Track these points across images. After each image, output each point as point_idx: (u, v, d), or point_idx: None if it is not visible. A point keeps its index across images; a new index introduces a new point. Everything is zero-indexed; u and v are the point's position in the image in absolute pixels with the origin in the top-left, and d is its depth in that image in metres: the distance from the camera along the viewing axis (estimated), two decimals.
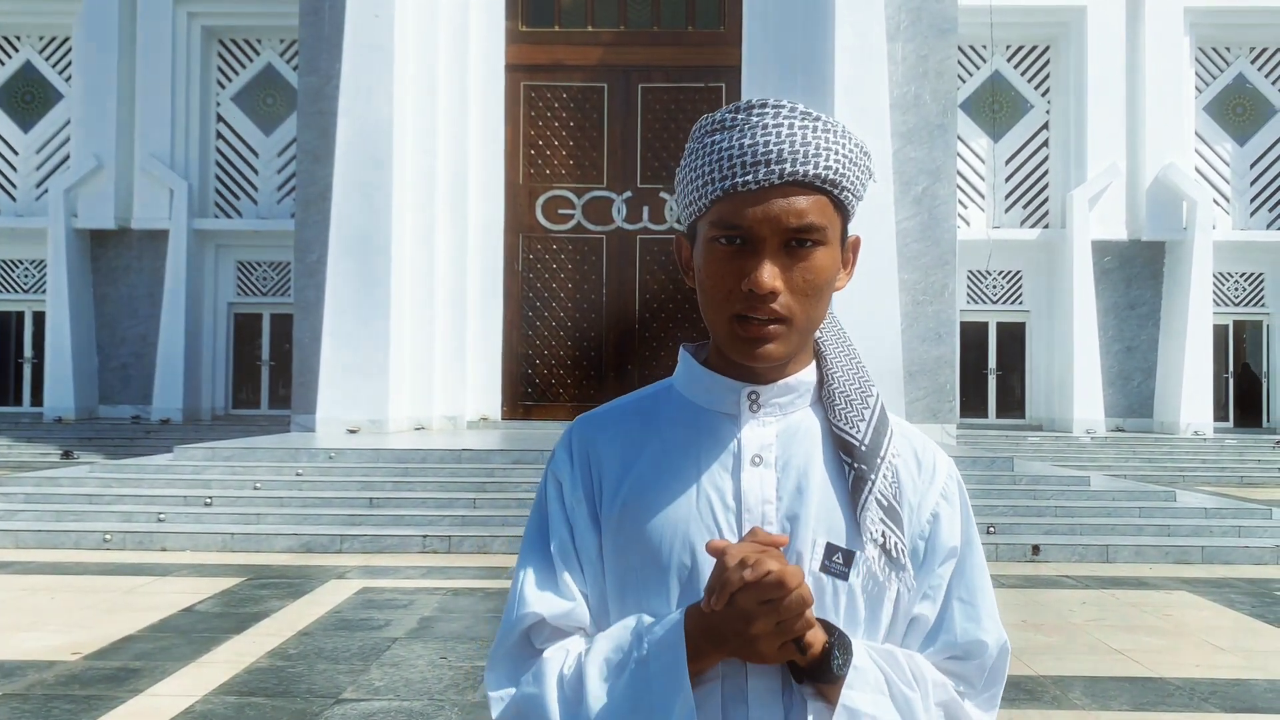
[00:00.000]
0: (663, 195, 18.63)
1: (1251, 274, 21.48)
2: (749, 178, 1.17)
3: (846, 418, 1.25)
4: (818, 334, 1.31)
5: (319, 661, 5.88)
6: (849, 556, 1.20)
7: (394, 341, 15.85)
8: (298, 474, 11.59)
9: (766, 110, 1.21)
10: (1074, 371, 19.94)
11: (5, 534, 9.82)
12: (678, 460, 1.25)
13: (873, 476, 1.22)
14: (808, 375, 1.28)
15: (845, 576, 1.20)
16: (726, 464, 1.24)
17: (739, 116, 1.21)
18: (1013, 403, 21.42)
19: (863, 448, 1.24)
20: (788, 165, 1.17)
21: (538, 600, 1.23)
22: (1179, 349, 20.00)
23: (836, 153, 1.20)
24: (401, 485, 11.24)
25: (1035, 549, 9.68)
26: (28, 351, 21.99)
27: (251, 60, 21.76)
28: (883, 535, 1.21)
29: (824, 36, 16.28)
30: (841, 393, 1.27)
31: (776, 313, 1.18)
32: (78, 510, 10.41)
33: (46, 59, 22.11)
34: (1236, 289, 21.55)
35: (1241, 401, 21.69)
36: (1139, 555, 9.72)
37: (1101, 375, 20.23)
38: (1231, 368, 21.62)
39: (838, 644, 1.15)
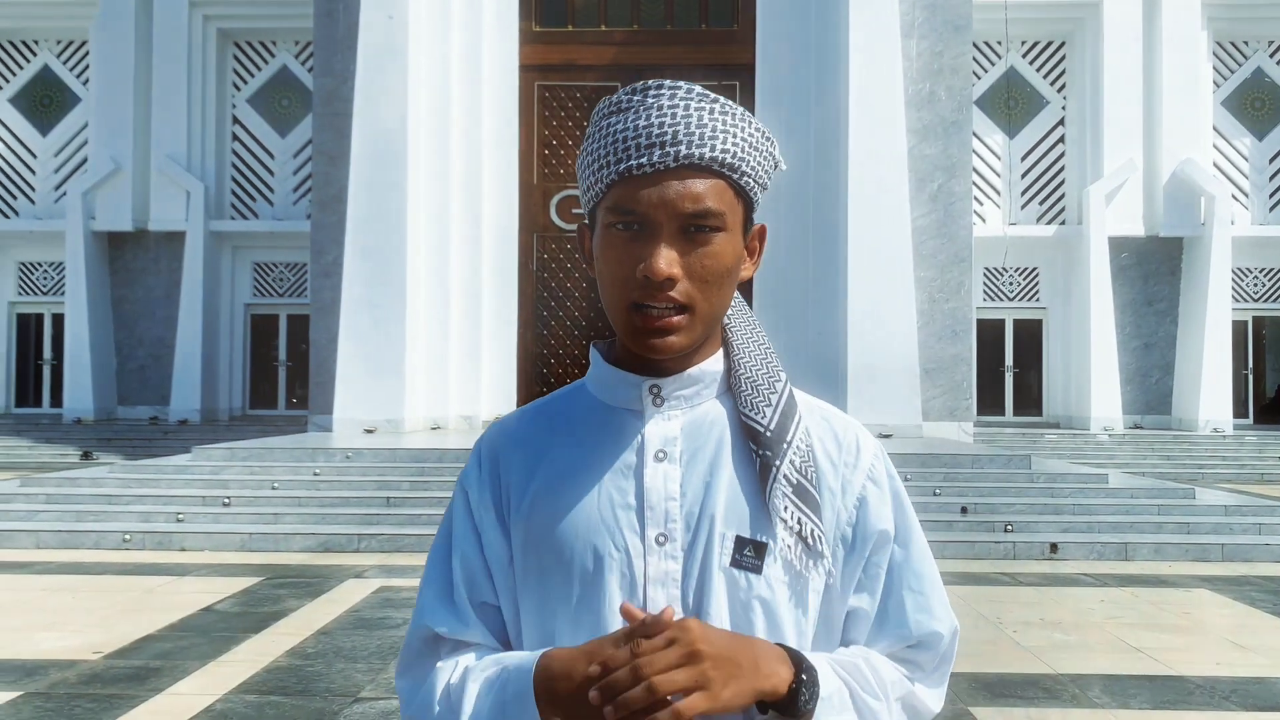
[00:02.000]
0: None
1: (1271, 269, 21.33)
2: (643, 160, 1.13)
3: (753, 404, 1.20)
4: (726, 321, 1.26)
5: (337, 660, 5.91)
6: (761, 548, 1.15)
7: (409, 341, 15.90)
8: (315, 474, 11.64)
9: (663, 91, 1.16)
10: (1091, 368, 19.83)
11: (27, 534, 9.90)
12: (582, 460, 1.21)
13: (778, 463, 1.17)
14: (713, 365, 1.23)
15: (759, 570, 1.15)
16: (630, 461, 1.20)
17: (635, 98, 1.17)
18: (1030, 400, 21.33)
19: (768, 434, 1.18)
20: (683, 147, 1.13)
21: (435, 616, 1.22)
22: (1197, 345, 19.87)
23: (735, 136, 1.15)
24: (418, 485, 11.28)
25: (1053, 547, 9.64)
26: (47, 353, 22.16)
27: (267, 62, 21.86)
28: (798, 521, 1.16)
29: (838, 33, 16.25)
30: (748, 379, 1.22)
31: (675, 300, 1.13)
32: (97, 511, 10.48)
33: (64, 62, 22.27)
34: (1256, 285, 21.40)
35: (1261, 398, 21.55)
36: (1158, 553, 9.67)
37: (1119, 372, 20.12)
38: (1251, 365, 21.45)
39: (806, 680, 1.09)
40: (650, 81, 1.18)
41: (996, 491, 11.18)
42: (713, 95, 1.18)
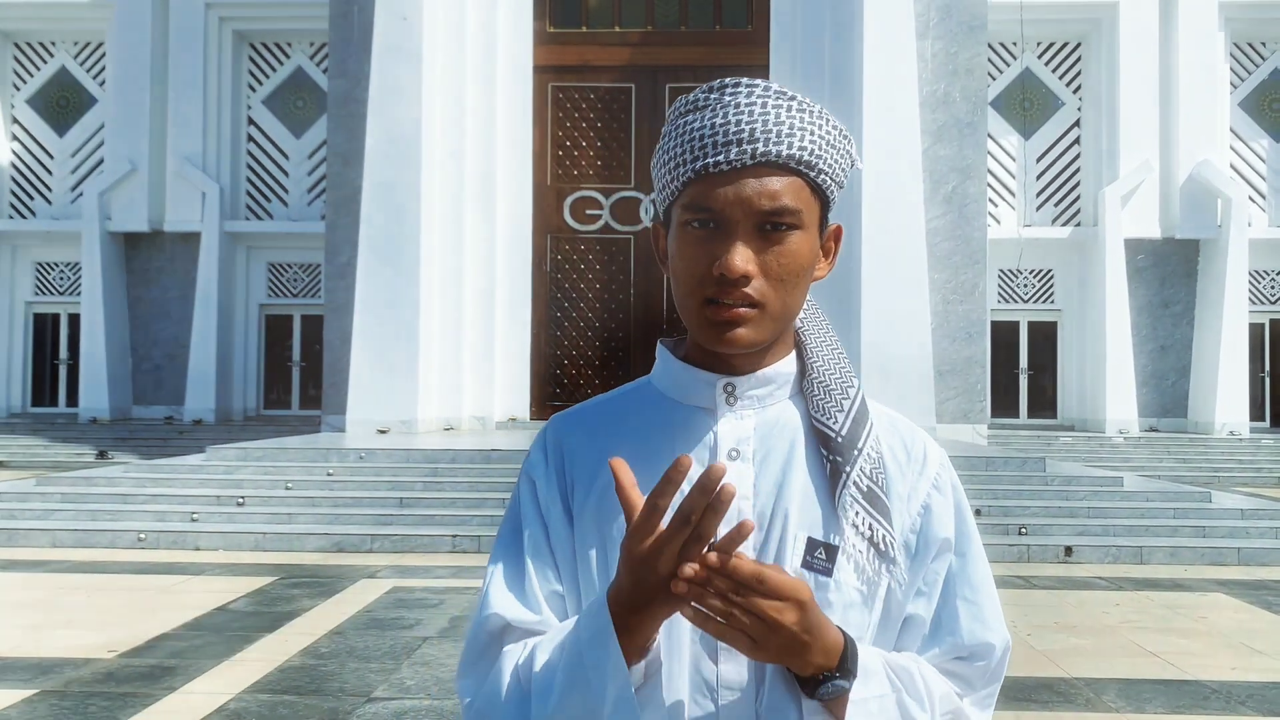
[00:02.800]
0: None
1: None
2: (720, 158, 1.13)
3: (825, 409, 1.20)
4: (799, 324, 1.26)
5: (350, 660, 5.92)
6: (832, 551, 1.16)
7: (423, 342, 15.93)
8: (329, 474, 11.67)
9: (740, 89, 1.16)
10: (1106, 371, 19.73)
11: (43, 533, 9.96)
12: (652, 456, 1.19)
13: (848, 469, 1.17)
14: (787, 366, 1.23)
15: (829, 572, 1.15)
16: (702, 458, 1.19)
17: (712, 96, 1.17)
18: (1044, 403, 21.23)
19: (839, 439, 1.19)
20: (760, 145, 1.13)
21: (505, 604, 1.19)
22: (1214, 348, 19.75)
23: (812, 133, 1.15)
24: (431, 485, 11.30)
25: (1068, 550, 9.59)
26: (63, 353, 22.28)
27: (282, 63, 21.94)
28: (869, 527, 1.16)
29: (852, 35, 16.21)
30: (821, 383, 1.22)
31: (749, 297, 1.13)
32: (113, 510, 10.54)
33: (81, 64, 22.39)
34: (1273, 287, 21.25)
35: (1278, 401, 21.39)
36: (1173, 557, 9.61)
37: (1135, 375, 20.01)
38: (1268, 368, 21.30)
39: (833, 678, 1.09)
40: (727, 79, 1.18)
41: (1011, 494, 11.14)
42: (790, 93, 1.18)
